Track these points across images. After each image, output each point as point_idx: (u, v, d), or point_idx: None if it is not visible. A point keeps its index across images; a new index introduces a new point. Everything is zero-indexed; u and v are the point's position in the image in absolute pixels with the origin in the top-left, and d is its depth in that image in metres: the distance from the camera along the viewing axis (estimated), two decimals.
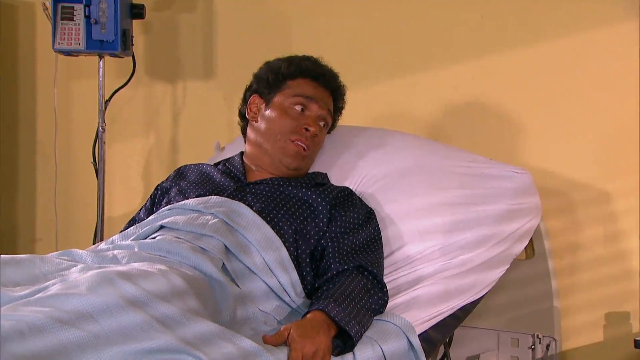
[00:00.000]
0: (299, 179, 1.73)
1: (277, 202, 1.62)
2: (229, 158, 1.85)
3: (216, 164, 1.84)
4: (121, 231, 1.61)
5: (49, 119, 2.79)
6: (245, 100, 1.84)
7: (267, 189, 1.66)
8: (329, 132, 1.86)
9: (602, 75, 2.14)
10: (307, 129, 1.71)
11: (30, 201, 2.97)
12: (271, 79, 1.77)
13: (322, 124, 1.76)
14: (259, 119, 1.77)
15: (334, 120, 1.85)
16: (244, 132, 1.85)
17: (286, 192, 1.65)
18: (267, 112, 1.75)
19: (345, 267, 1.52)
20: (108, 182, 2.61)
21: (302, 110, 1.72)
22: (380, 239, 1.65)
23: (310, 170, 1.84)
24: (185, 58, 2.74)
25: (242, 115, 1.85)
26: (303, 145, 1.71)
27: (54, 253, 1.45)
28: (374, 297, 1.48)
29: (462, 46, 2.32)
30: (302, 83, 1.75)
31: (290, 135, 1.70)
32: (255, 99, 1.79)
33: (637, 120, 2.09)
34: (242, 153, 1.84)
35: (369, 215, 1.67)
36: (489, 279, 1.75)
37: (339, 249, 1.56)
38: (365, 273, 1.52)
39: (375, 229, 1.65)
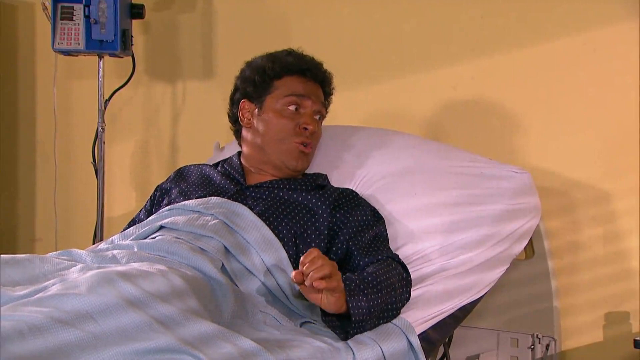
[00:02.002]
0: (299, 181, 1.73)
1: (276, 207, 1.61)
2: (227, 159, 1.84)
3: (215, 165, 1.83)
4: (121, 231, 1.61)
5: (48, 119, 2.79)
6: (233, 104, 1.81)
7: (267, 193, 1.66)
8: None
9: (602, 75, 2.14)
10: (306, 128, 1.70)
11: (30, 201, 2.97)
12: (257, 82, 1.74)
13: (317, 117, 1.76)
14: (254, 124, 1.75)
15: (326, 108, 1.83)
16: (237, 136, 1.84)
17: (286, 197, 1.65)
18: (262, 117, 1.73)
19: (379, 257, 1.53)
20: (108, 182, 2.61)
21: (297, 109, 1.71)
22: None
23: (310, 171, 1.84)
24: (185, 58, 2.74)
25: (234, 120, 1.83)
26: (305, 143, 1.71)
27: (53, 253, 1.44)
28: (404, 288, 1.50)
29: (462, 46, 2.32)
30: (290, 81, 1.73)
31: (291, 137, 1.70)
32: (245, 104, 1.77)
33: (637, 120, 2.09)
34: (239, 153, 1.83)
35: (375, 214, 1.68)
36: (488, 279, 1.75)
37: (360, 245, 1.57)
38: (399, 264, 1.54)
39: (385, 227, 1.66)
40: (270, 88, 1.73)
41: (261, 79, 1.74)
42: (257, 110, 1.75)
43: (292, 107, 1.71)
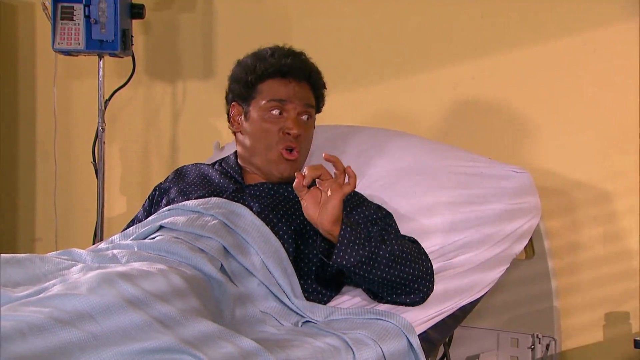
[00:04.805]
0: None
1: (275, 205, 1.61)
2: (224, 158, 1.83)
3: (212, 164, 1.83)
4: (121, 231, 1.61)
5: (48, 119, 2.79)
6: (227, 104, 1.79)
7: (266, 190, 1.66)
8: (319, 112, 1.81)
9: (602, 75, 2.14)
10: (289, 133, 1.67)
11: (30, 201, 2.97)
12: (241, 87, 1.73)
13: (304, 117, 1.71)
14: (242, 128, 1.74)
15: (319, 103, 1.79)
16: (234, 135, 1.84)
17: (285, 194, 1.65)
18: (247, 125, 1.72)
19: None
20: (108, 182, 2.61)
21: (280, 113, 1.68)
22: None
23: None
24: (185, 58, 2.74)
25: (229, 120, 1.82)
26: (291, 148, 1.67)
27: (54, 252, 1.44)
28: (425, 263, 1.52)
29: (463, 46, 2.32)
30: (271, 85, 1.69)
31: (276, 145, 1.67)
32: (234, 108, 1.76)
33: (637, 120, 2.09)
34: (236, 153, 1.83)
35: (380, 209, 1.66)
36: (488, 278, 1.75)
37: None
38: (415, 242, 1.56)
39: (394, 220, 1.66)
40: (253, 93, 1.71)
41: (244, 84, 1.72)
42: (243, 114, 1.73)
43: (275, 112, 1.68)
